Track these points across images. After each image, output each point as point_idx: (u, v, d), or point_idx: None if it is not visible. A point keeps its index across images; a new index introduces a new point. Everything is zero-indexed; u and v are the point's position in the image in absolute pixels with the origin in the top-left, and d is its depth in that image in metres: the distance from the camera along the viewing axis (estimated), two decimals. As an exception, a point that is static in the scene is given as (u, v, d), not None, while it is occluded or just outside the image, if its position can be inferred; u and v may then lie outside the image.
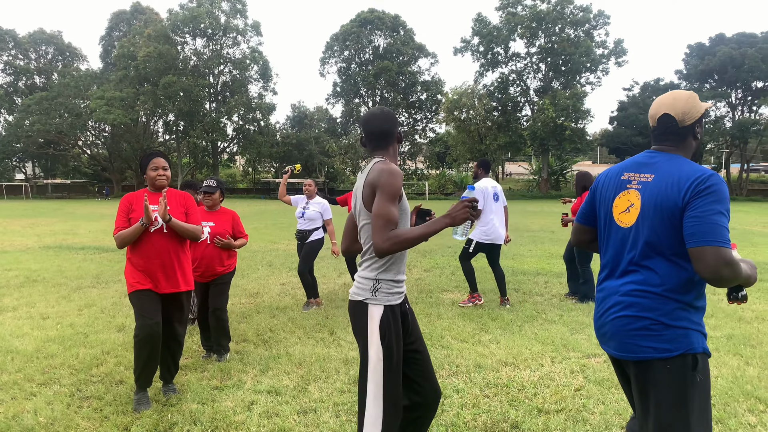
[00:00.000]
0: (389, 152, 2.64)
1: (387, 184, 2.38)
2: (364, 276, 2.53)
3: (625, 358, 2.11)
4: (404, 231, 2.35)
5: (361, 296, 2.52)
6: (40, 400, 3.97)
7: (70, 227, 19.85)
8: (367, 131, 2.62)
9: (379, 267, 2.50)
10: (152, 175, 3.95)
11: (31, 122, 54.79)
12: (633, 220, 2.13)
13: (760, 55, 48.29)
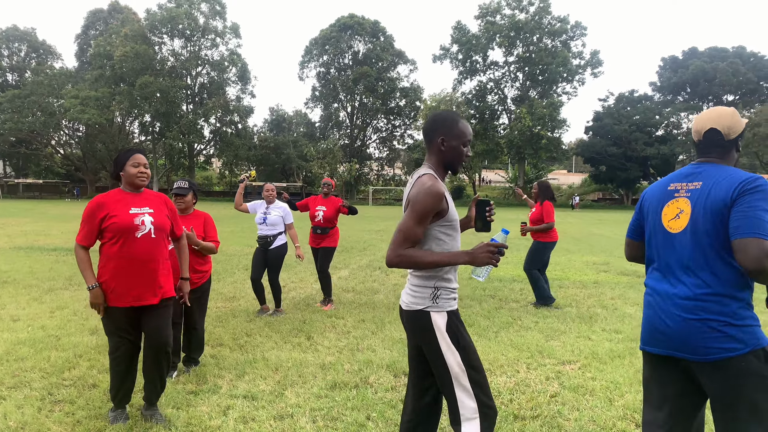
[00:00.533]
0: (432, 159, 2.59)
1: (420, 203, 2.37)
2: (421, 284, 2.48)
3: (697, 360, 2.16)
4: (419, 254, 2.36)
5: (420, 305, 2.47)
6: (10, 403, 3.88)
7: (41, 228, 19.46)
8: None
9: (436, 275, 2.47)
10: (132, 172, 3.51)
11: (3, 120, 53.71)
12: (683, 226, 2.21)
13: (731, 69, 49.62)
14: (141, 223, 3.48)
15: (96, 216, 3.43)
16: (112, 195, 3.53)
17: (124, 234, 3.43)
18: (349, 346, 5.44)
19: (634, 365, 4.92)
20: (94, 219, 3.43)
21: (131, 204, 3.51)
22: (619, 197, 60.56)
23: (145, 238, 3.49)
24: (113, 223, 3.42)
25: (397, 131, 68.32)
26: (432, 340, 2.46)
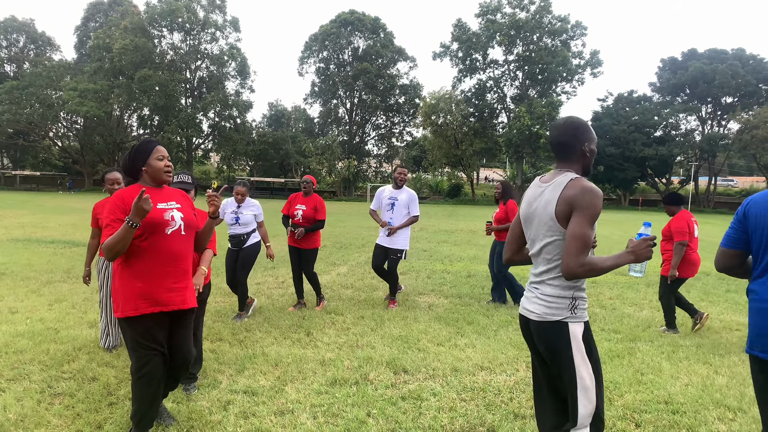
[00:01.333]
0: (574, 165, 2.55)
1: (590, 206, 2.33)
2: (558, 294, 2.45)
3: None
4: (598, 260, 2.31)
5: (558, 315, 2.44)
6: (10, 396, 3.87)
7: (39, 220, 19.41)
8: (550, 141, 2.59)
9: (575, 285, 2.45)
10: (159, 166, 3.17)
11: (1, 112, 53.44)
12: None
13: (730, 71, 49.60)
14: (171, 219, 3.14)
15: (122, 209, 3.03)
16: (135, 189, 3.14)
17: (153, 230, 3.06)
18: (348, 343, 5.44)
19: (633, 365, 4.93)
20: (122, 213, 3.01)
21: (156, 199, 3.16)
22: (616, 197, 60.58)
23: (176, 235, 3.15)
24: None
25: (396, 128, 68.24)
26: (566, 351, 2.42)
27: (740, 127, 51.40)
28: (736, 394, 4.29)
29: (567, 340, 2.42)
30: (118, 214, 3.01)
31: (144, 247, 3.06)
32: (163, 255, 3.10)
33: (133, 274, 3.05)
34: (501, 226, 7.36)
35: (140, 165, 3.18)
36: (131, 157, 3.19)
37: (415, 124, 64.07)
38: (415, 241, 15.79)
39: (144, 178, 3.21)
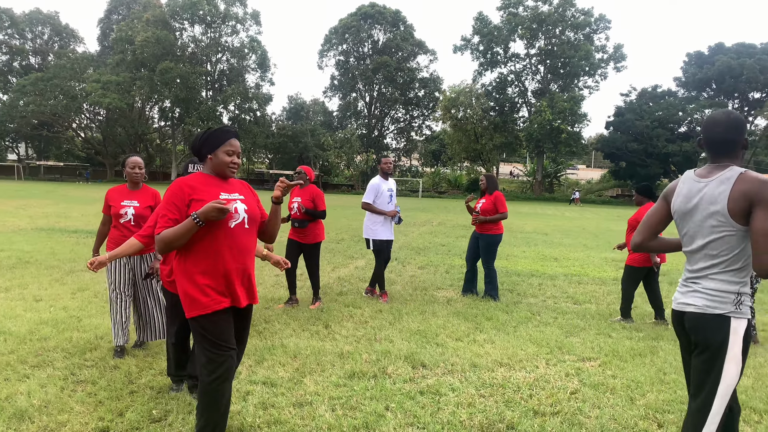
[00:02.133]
0: (736, 159, 2.49)
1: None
2: (723, 289, 2.41)
3: None
4: None
5: (721, 309, 2.40)
6: (34, 382, 3.93)
7: (62, 210, 19.71)
8: (707, 137, 2.52)
9: (741, 280, 2.41)
10: (225, 160, 2.95)
11: (26, 103, 54.37)
12: None
13: (759, 66, 48.58)
14: (234, 211, 2.92)
15: (181, 198, 2.83)
16: (196, 177, 2.96)
17: (216, 223, 2.84)
18: (366, 336, 5.43)
19: (655, 364, 4.86)
20: (181, 202, 2.83)
21: (220, 188, 2.97)
22: (638, 194, 59.84)
23: (239, 228, 2.94)
24: None
25: (415, 122, 68.11)
26: (722, 345, 2.38)
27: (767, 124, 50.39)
28: (762, 396, 4.20)
29: (726, 335, 2.38)
30: (177, 204, 2.82)
31: (206, 242, 2.85)
32: (227, 249, 2.87)
33: (198, 271, 2.84)
34: (491, 217, 7.25)
35: (207, 152, 2.97)
36: (202, 141, 2.97)
37: (435, 118, 63.92)
38: (434, 236, 15.76)
39: (207, 166, 3.01)
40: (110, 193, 4.80)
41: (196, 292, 2.83)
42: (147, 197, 4.77)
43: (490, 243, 7.33)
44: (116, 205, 4.68)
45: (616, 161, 56.22)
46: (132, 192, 4.76)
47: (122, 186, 4.82)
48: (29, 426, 3.31)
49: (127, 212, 4.65)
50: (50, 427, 3.32)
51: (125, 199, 4.71)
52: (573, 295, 7.90)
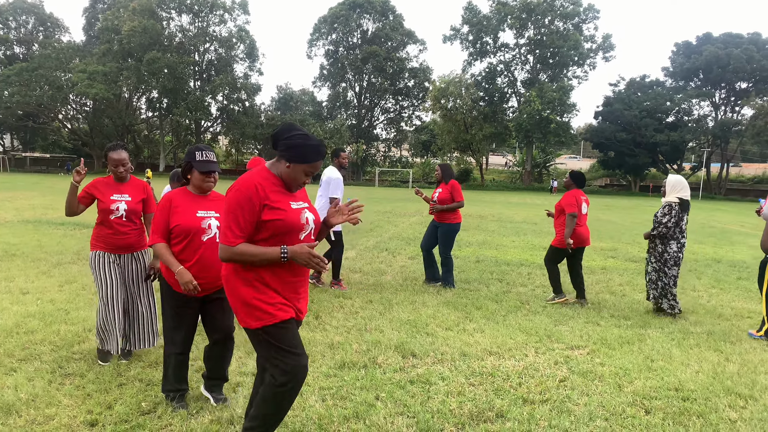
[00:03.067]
0: None
1: None
2: None
3: None
4: None
5: None
6: (21, 375, 3.90)
7: (49, 202, 19.53)
8: None
9: None
10: (300, 179, 2.67)
11: (10, 93, 53.63)
12: None
13: (745, 56, 48.87)
14: (306, 222, 2.71)
15: (252, 207, 2.52)
16: (266, 177, 2.63)
17: (288, 234, 2.61)
18: (357, 327, 5.44)
19: (643, 351, 4.91)
20: (253, 209, 2.53)
21: (289, 197, 2.70)
22: (626, 183, 60.21)
23: (307, 239, 2.74)
24: (280, 220, 2.57)
25: (405, 112, 67.92)
26: None
27: (754, 113, 50.78)
28: (748, 381, 4.25)
29: None
30: (249, 210, 2.52)
31: None
32: (289, 266, 2.65)
33: (265, 280, 2.62)
34: (447, 206, 7.31)
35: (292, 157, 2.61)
36: (294, 142, 2.60)
37: (425, 108, 63.74)
38: (424, 227, 15.76)
39: (276, 168, 2.68)
40: (97, 183, 4.23)
41: (262, 302, 2.60)
42: (138, 190, 4.31)
43: (449, 231, 7.41)
44: (105, 200, 4.14)
45: (605, 151, 56.50)
46: (121, 185, 4.26)
47: (108, 178, 4.30)
48: (17, 420, 3.28)
49: (119, 207, 4.15)
50: (38, 420, 3.29)
51: (114, 192, 4.20)
52: (562, 284, 7.94)
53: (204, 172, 3.36)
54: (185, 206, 3.35)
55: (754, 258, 11.29)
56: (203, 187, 3.40)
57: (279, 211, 2.57)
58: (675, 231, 6.13)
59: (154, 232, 3.35)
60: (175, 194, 3.38)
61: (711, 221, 22.05)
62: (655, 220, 6.21)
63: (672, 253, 6.15)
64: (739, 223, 21.44)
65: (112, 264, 4.21)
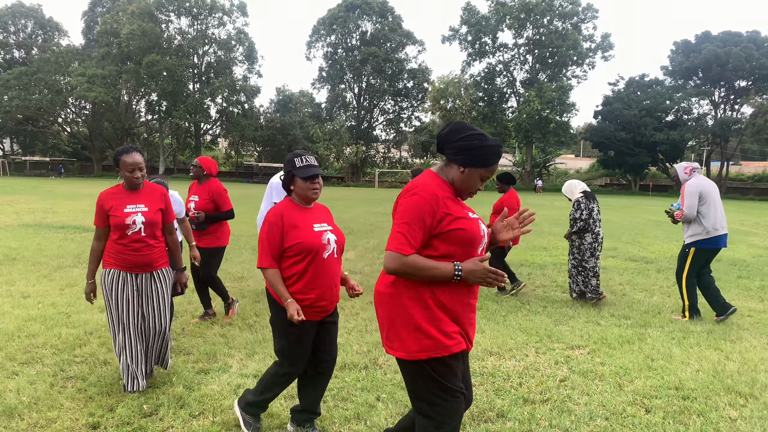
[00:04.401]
0: None
1: None
2: None
3: None
4: None
5: None
6: (23, 379, 3.91)
7: (49, 205, 19.53)
8: None
9: None
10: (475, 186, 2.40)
11: (10, 97, 53.69)
12: None
13: (744, 54, 48.86)
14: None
15: (432, 215, 2.26)
16: (439, 183, 2.35)
17: (468, 246, 2.33)
18: (357, 328, 5.45)
19: (643, 351, 4.91)
20: (434, 217, 2.26)
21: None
22: (626, 183, 60.19)
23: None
24: (462, 230, 2.29)
25: (404, 113, 67.89)
26: None
27: (754, 111, 50.82)
28: (748, 380, 4.26)
29: None
30: (427, 222, 2.25)
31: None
32: (467, 284, 2.34)
33: (442, 305, 2.30)
34: None
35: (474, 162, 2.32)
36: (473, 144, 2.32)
37: (424, 109, 63.76)
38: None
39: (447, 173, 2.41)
40: (105, 198, 3.67)
41: (437, 330, 2.28)
42: (154, 198, 3.77)
43: None
44: (119, 214, 3.61)
45: (605, 150, 56.49)
46: (134, 194, 3.72)
47: (117, 187, 3.75)
48: (19, 423, 3.29)
49: (135, 221, 3.62)
50: (40, 423, 3.30)
51: (128, 203, 3.66)
52: (562, 284, 7.96)
53: (308, 177, 2.96)
54: (301, 221, 2.97)
55: (754, 257, 11.30)
56: (309, 195, 3.01)
57: (462, 220, 2.29)
58: (590, 223, 6.62)
59: (264, 254, 2.96)
60: (285, 208, 3.00)
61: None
62: (571, 219, 6.67)
63: (587, 244, 6.66)
64: (738, 222, 21.43)
65: (128, 285, 3.68)
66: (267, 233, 2.95)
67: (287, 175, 3.03)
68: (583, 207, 6.60)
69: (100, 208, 3.67)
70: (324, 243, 2.96)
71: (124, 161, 3.65)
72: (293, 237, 2.93)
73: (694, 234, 5.97)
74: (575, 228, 6.60)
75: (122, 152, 3.68)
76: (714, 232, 5.93)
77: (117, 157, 3.69)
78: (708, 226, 5.91)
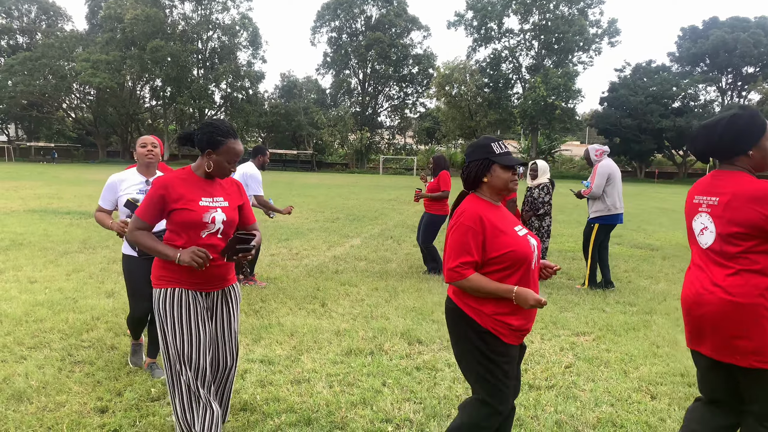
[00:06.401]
0: None
1: None
2: None
3: None
4: None
5: None
6: (31, 363, 3.94)
7: (54, 191, 19.59)
8: None
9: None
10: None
11: (14, 83, 53.65)
12: None
13: (752, 40, 48.39)
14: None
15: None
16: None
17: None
18: (363, 314, 5.46)
19: (648, 338, 4.91)
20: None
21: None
22: (632, 170, 59.89)
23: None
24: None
25: (409, 99, 67.62)
26: None
27: (761, 98, 50.36)
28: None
29: None
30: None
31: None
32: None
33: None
34: (432, 194, 7.40)
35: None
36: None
37: (429, 95, 63.37)
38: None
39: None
40: (170, 184, 2.67)
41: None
42: (233, 191, 2.90)
43: (432, 221, 7.50)
44: (194, 207, 2.67)
45: (610, 137, 56.14)
46: (207, 183, 2.78)
47: (184, 171, 2.77)
48: (28, 407, 3.32)
49: (215, 218, 2.72)
50: (49, 407, 3.33)
51: (202, 194, 2.73)
52: (567, 271, 7.95)
53: (509, 166, 2.44)
54: (502, 224, 2.40)
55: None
56: (510, 188, 2.45)
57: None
58: (550, 207, 7.19)
59: (463, 262, 2.33)
60: (480, 207, 2.40)
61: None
62: (538, 202, 7.10)
63: (546, 226, 7.22)
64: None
65: (198, 307, 2.77)
66: (461, 238, 2.34)
67: (482, 164, 2.45)
68: (551, 192, 7.16)
69: (159, 197, 2.65)
70: (533, 250, 2.43)
71: (230, 148, 2.69)
72: (502, 244, 2.35)
73: (598, 210, 6.61)
74: (541, 211, 7.08)
75: (227, 134, 2.68)
76: (614, 209, 6.56)
77: (216, 137, 2.66)
78: (609, 204, 6.54)
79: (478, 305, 2.35)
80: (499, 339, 2.35)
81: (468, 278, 2.29)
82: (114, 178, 3.75)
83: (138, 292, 3.68)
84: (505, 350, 2.37)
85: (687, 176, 55.18)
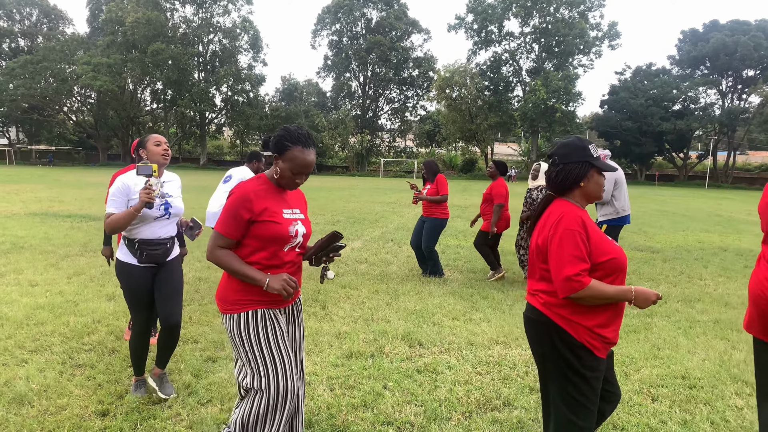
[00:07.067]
0: None
1: None
2: None
3: None
4: None
5: None
6: (32, 367, 3.95)
7: (55, 194, 19.60)
8: None
9: None
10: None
11: (15, 86, 53.73)
12: None
13: (753, 43, 48.44)
14: None
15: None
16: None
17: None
18: (363, 317, 5.46)
19: (649, 340, 4.91)
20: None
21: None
22: (632, 172, 59.91)
23: None
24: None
25: (409, 102, 67.72)
26: None
27: (761, 101, 50.39)
28: (754, 369, 4.25)
29: None
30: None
31: None
32: None
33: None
34: (431, 197, 7.38)
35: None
36: None
37: (429, 98, 63.42)
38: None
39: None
40: (253, 195, 2.44)
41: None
42: (303, 202, 2.77)
43: (435, 226, 7.48)
44: (280, 220, 2.47)
45: (611, 140, 56.21)
46: (282, 193, 2.57)
47: (259, 180, 2.53)
48: (29, 410, 3.33)
49: (298, 231, 2.55)
50: (50, 410, 3.33)
51: (284, 205, 2.54)
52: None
53: (606, 171, 2.38)
54: (598, 231, 2.29)
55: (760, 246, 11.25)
56: (600, 194, 2.37)
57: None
58: None
59: (583, 269, 2.18)
60: (580, 213, 2.28)
61: (718, 210, 21.97)
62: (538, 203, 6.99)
63: None
64: (746, 212, 21.33)
65: (282, 326, 2.56)
66: (573, 245, 2.19)
67: (578, 167, 2.32)
68: None
69: (245, 210, 2.40)
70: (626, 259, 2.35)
71: (296, 157, 2.42)
72: (605, 250, 2.24)
73: (607, 213, 6.70)
74: None
75: (296, 140, 2.42)
76: (623, 212, 6.67)
77: (284, 141, 2.42)
78: (618, 208, 6.65)
79: (576, 317, 2.22)
80: (592, 353, 2.24)
81: (589, 286, 2.16)
82: (124, 180, 3.37)
83: (141, 303, 3.50)
84: (597, 364, 2.26)
85: (687, 179, 55.20)
